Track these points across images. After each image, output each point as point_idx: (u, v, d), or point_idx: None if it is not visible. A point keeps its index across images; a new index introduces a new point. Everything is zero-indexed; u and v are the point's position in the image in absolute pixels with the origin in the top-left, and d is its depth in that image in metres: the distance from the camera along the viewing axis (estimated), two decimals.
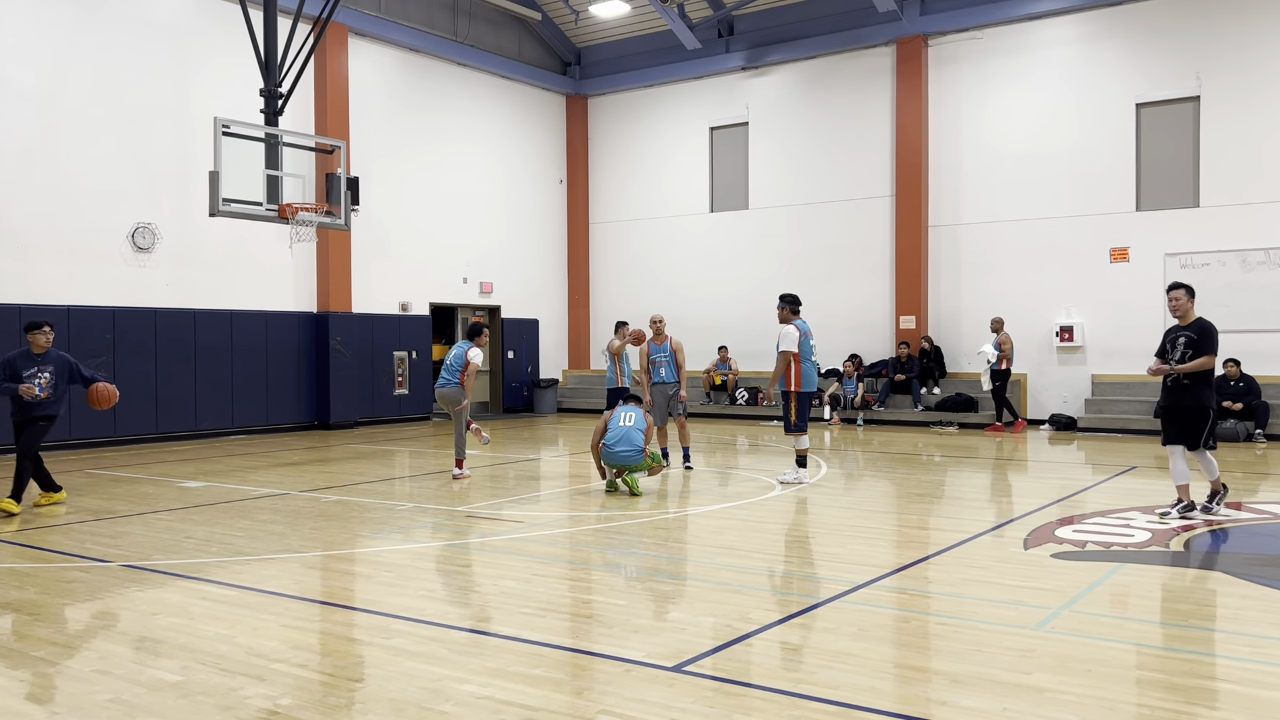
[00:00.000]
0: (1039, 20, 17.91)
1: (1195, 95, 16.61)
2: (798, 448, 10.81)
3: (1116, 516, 8.61)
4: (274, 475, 11.78)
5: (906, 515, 9.15)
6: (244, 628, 5.40)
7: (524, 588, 6.30)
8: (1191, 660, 4.84)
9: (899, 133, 19.07)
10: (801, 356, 10.72)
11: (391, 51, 19.32)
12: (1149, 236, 16.92)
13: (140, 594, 6.20)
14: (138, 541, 7.85)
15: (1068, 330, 17.52)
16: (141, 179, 15.48)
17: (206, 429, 16.23)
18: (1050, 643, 5.04)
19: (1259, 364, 15.71)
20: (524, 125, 22.18)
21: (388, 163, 19.03)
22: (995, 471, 12.27)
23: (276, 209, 12.99)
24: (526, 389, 22.03)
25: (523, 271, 22.19)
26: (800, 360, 10.70)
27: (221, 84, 16.15)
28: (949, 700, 4.25)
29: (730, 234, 21.21)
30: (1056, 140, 17.70)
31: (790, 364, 10.71)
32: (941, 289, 18.94)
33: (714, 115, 21.41)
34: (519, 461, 13.24)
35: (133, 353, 15.15)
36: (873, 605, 5.83)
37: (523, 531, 8.20)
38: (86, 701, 4.33)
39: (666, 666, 4.72)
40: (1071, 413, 17.40)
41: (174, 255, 15.84)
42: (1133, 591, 6.16)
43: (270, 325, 17.13)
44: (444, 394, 11.51)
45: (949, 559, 7.07)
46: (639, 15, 21.37)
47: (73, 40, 14.76)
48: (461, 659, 4.86)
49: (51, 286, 14.47)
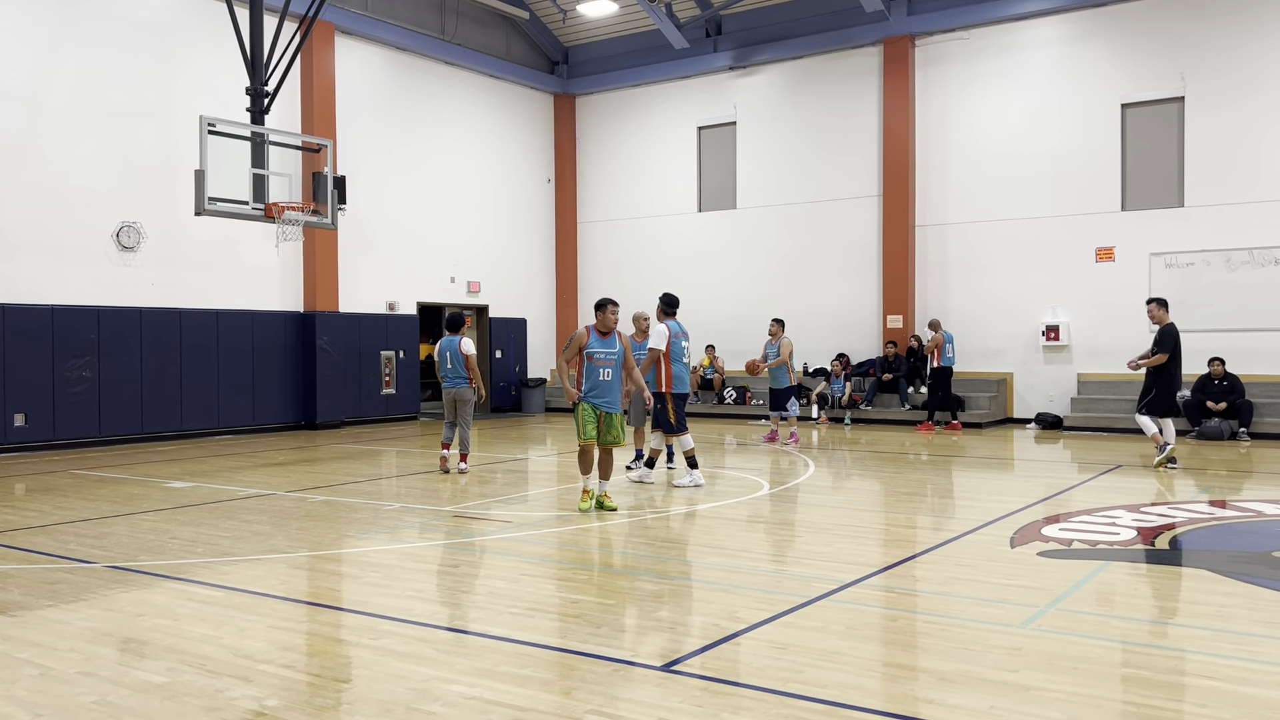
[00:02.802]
0: (1025, 21, 17.98)
1: (1180, 96, 16.70)
2: (685, 450, 10.67)
3: (1102, 515, 8.65)
4: (260, 475, 11.73)
5: (894, 514, 9.17)
6: (230, 629, 5.38)
7: (512, 587, 6.29)
8: (1177, 657, 4.87)
9: (886, 133, 19.12)
10: (672, 357, 10.77)
11: (379, 50, 19.26)
12: (1134, 236, 17.01)
13: (125, 595, 6.16)
14: (123, 542, 7.80)
15: (1053, 329, 17.60)
16: (126, 178, 15.40)
17: (192, 429, 16.15)
18: (1037, 640, 5.06)
19: (1243, 363, 15.82)
20: (512, 124, 22.15)
21: (375, 162, 18.97)
22: (982, 470, 12.31)
23: (263, 208, 12.95)
24: (514, 388, 22.00)
25: (510, 271, 22.15)
26: (670, 360, 10.72)
27: (207, 82, 16.07)
28: (936, 698, 4.26)
29: (718, 233, 21.22)
30: (1042, 140, 17.78)
31: (660, 364, 10.69)
32: (928, 288, 18.99)
33: (702, 115, 21.42)
34: (507, 461, 13.22)
35: (118, 352, 15.06)
36: (860, 604, 5.84)
37: (511, 531, 8.18)
38: (71, 704, 4.30)
39: (655, 666, 4.72)
40: (1057, 412, 17.48)
41: (159, 254, 15.76)
42: (1118, 589, 6.19)
43: (256, 325, 17.06)
44: (459, 394, 11.56)
45: (936, 558, 7.09)
46: (627, 15, 21.36)
47: (57, 39, 14.67)
48: (449, 659, 4.85)
49: (36, 286, 14.37)
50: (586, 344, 9.03)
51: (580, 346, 9.04)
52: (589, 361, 8.99)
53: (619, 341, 9.15)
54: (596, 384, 8.99)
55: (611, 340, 9.11)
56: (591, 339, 9.05)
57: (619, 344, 9.14)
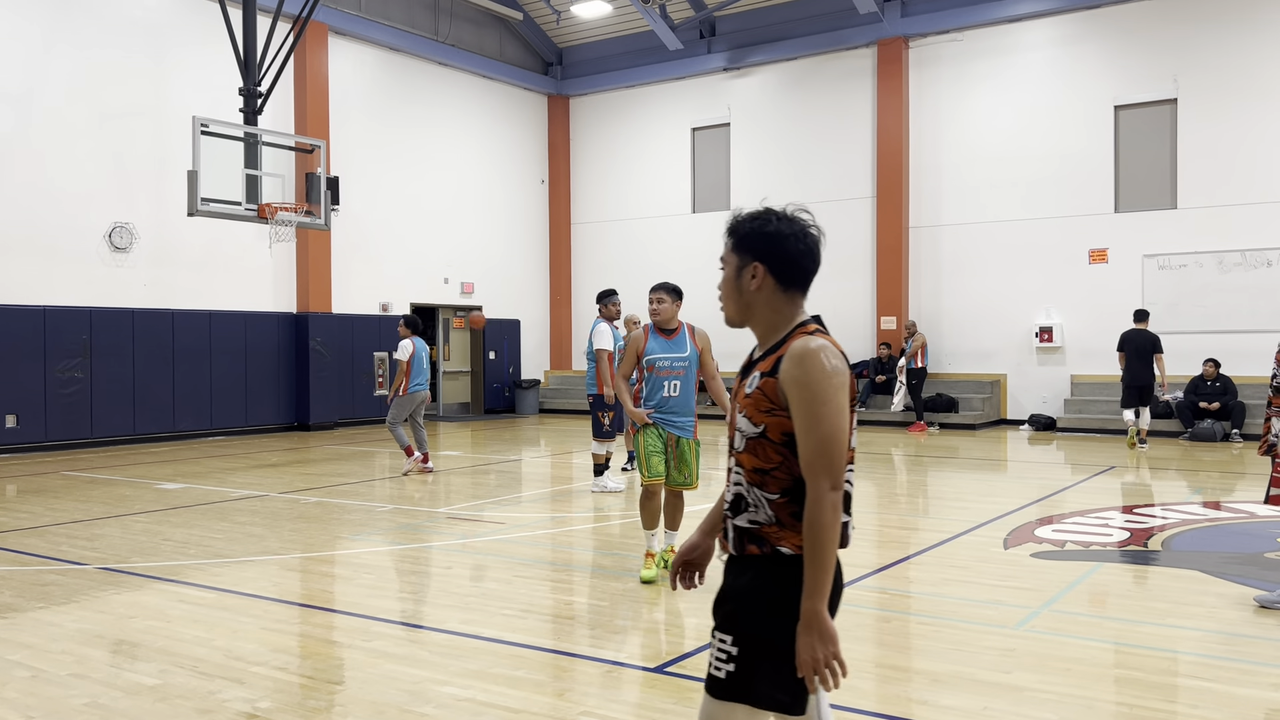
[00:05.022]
0: (1019, 23, 18.02)
1: (1173, 98, 16.75)
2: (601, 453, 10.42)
3: (1095, 516, 8.67)
4: (253, 477, 11.71)
5: (887, 515, 9.18)
6: (222, 630, 5.36)
7: (505, 589, 6.28)
8: (1169, 658, 4.88)
9: (880, 134, 19.14)
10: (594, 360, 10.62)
11: (372, 51, 19.24)
12: (1127, 238, 17.05)
13: (117, 597, 6.14)
14: (115, 544, 7.78)
15: (1047, 331, 17.63)
16: (119, 178, 15.35)
17: (184, 430, 16.11)
18: (1030, 642, 5.07)
19: (1235, 364, 15.86)
20: (505, 125, 22.14)
21: (368, 162, 18.94)
22: (976, 472, 12.33)
23: (256, 209, 12.92)
24: (508, 389, 21.98)
25: (504, 272, 22.14)
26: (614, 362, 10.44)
27: (200, 83, 16.03)
28: (930, 699, 4.27)
29: (712, 235, 21.08)
30: (1036, 142, 17.82)
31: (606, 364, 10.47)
32: (922, 290, 19.02)
33: (696, 116, 21.43)
34: (500, 463, 13.21)
35: (110, 354, 15.02)
36: (854, 605, 5.84)
37: (504, 533, 8.18)
38: (63, 706, 4.29)
39: (648, 667, 4.72)
40: (1051, 413, 17.51)
41: (152, 255, 15.71)
42: (1111, 590, 6.20)
43: (249, 326, 17.02)
44: (425, 396, 11.91)
45: (929, 559, 7.10)
46: (621, 15, 21.36)
47: (49, 38, 14.62)
48: (442, 661, 4.84)
49: (27, 286, 14.32)
50: (644, 348, 6.63)
51: (638, 353, 6.65)
52: (649, 372, 6.60)
53: (691, 342, 6.71)
54: (660, 401, 6.57)
55: (679, 341, 6.67)
56: (650, 340, 6.64)
57: (690, 345, 6.69)
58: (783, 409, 2.47)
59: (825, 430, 2.39)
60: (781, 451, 2.47)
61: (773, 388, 2.48)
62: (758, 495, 2.50)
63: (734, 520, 2.55)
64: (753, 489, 2.51)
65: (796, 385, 2.43)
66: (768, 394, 2.49)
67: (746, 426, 2.53)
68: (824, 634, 2.35)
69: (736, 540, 2.54)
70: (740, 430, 2.56)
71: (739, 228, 2.65)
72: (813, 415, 2.40)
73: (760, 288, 2.59)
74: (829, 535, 2.37)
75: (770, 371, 2.50)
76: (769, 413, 2.49)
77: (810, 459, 2.40)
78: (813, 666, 2.35)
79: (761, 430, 2.50)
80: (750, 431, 2.52)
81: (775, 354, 2.52)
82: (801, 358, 2.44)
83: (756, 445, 2.51)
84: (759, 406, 2.50)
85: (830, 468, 2.39)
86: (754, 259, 2.60)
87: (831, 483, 2.39)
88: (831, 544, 2.37)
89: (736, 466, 2.56)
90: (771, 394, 2.48)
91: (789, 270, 2.61)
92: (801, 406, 2.42)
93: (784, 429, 2.47)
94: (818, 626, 2.35)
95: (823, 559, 2.37)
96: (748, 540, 2.51)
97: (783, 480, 2.48)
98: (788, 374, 2.45)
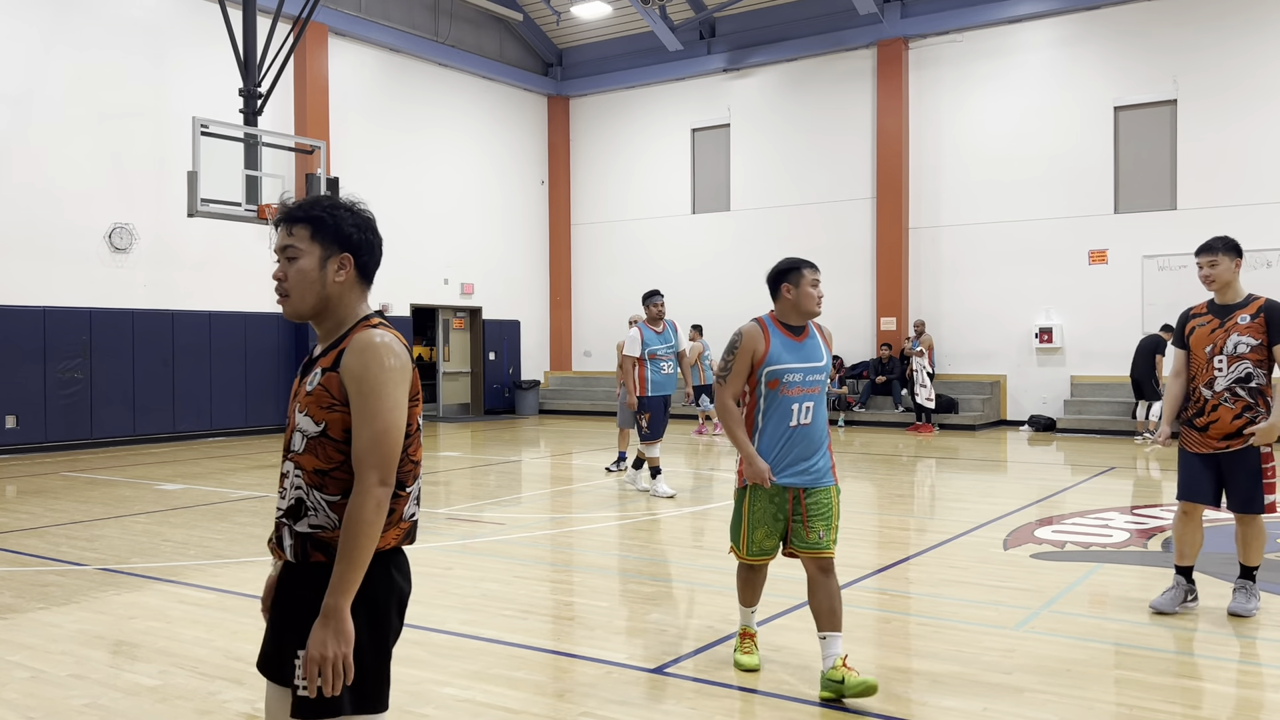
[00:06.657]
0: (1018, 24, 18.03)
1: (1172, 99, 16.75)
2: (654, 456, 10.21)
3: (1095, 517, 8.67)
4: (253, 477, 11.70)
5: (887, 516, 9.18)
6: (222, 631, 5.36)
7: (505, 590, 6.28)
8: (1170, 659, 4.88)
9: (880, 135, 19.15)
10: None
11: (372, 51, 19.24)
12: (1127, 238, 17.06)
13: (117, 598, 6.14)
14: (114, 544, 7.78)
15: (1047, 332, 17.64)
16: (119, 179, 15.35)
17: (184, 431, 16.11)
18: (1030, 642, 5.06)
19: None
20: (505, 126, 22.14)
21: (368, 163, 18.94)
22: (975, 472, 12.33)
23: (256, 209, 12.93)
24: (508, 390, 21.98)
25: (504, 272, 22.14)
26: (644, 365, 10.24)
27: (200, 84, 16.03)
28: (929, 700, 4.26)
29: (712, 236, 21.23)
30: (1036, 143, 17.82)
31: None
32: (922, 290, 19.02)
33: (696, 117, 21.43)
34: (500, 463, 13.21)
35: (110, 354, 15.02)
36: (854, 606, 5.83)
37: (504, 533, 8.17)
38: (62, 706, 4.28)
39: (648, 668, 4.72)
40: (1050, 414, 17.51)
41: (151, 256, 15.71)
42: (1111, 591, 6.20)
43: (249, 326, 17.02)
44: None
45: (929, 559, 7.10)
46: (621, 16, 21.37)
47: (49, 39, 14.62)
48: (442, 661, 4.84)
49: (27, 287, 14.32)
50: (765, 358, 4.39)
51: (754, 361, 4.41)
52: (770, 390, 4.39)
53: (824, 346, 4.56)
54: (786, 436, 4.39)
55: (811, 345, 4.50)
56: (774, 345, 4.41)
57: (825, 350, 4.55)
58: (344, 404, 2.40)
59: (380, 424, 2.35)
60: (343, 450, 2.40)
61: (335, 382, 2.41)
62: (317, 498, 2.42)
63: (294, 527, 2.44)
64: (312, 491, 2.42)
65: (355, 379, 2.37)
66: (330, 389, 2.41)
67: (308, 425, 2.44)
68: (340, 632, 2.29)
69: (298, 548, 2.43)
70: (301, 430, 2.46)
71: (323, 215, 2.48)
72: (369, 409, 2.35)
73: (345, 280, 2.49)
74: (367, 530, 2.31)
75: (332, 366, 2.43)
76: (330, 409, 2.41)
77: (362, 452, 2.34)
78: (319, 664, 2.28)
79: (323, 428, 2.41)
80: (311, 430, 2.43)
81: (338, 348, 2.45)
82: (363, 350, 2.38)
83: (317, 445, 2.42)
84: (320, 403, 2.42)
85: (382, 463, 2.34)
86: (343, 249, 2.48)
87: (381, 477, 2.34)
88: (369, 540, 2.31)
89: (295, 469, 2.45)
90: (334, 389, 2.41)
91: (372, 263, 2.55)
92: (359, 400, 2.37)
93: (345, 425, 2.40)
94: (335, 624, 2.29)
95: (355, 555, 2.30)
96: (311, 547, 2.41)
97: (343, 480, 2.40)
98: (348, 367, 2.39)
